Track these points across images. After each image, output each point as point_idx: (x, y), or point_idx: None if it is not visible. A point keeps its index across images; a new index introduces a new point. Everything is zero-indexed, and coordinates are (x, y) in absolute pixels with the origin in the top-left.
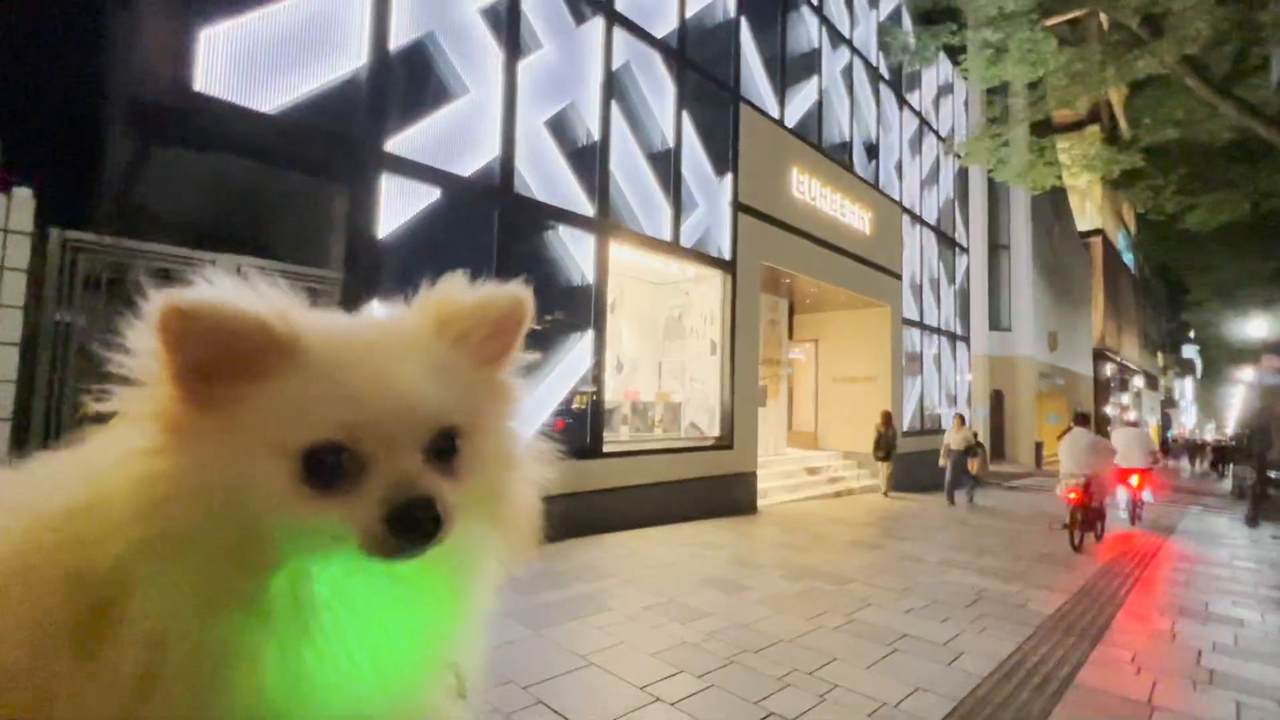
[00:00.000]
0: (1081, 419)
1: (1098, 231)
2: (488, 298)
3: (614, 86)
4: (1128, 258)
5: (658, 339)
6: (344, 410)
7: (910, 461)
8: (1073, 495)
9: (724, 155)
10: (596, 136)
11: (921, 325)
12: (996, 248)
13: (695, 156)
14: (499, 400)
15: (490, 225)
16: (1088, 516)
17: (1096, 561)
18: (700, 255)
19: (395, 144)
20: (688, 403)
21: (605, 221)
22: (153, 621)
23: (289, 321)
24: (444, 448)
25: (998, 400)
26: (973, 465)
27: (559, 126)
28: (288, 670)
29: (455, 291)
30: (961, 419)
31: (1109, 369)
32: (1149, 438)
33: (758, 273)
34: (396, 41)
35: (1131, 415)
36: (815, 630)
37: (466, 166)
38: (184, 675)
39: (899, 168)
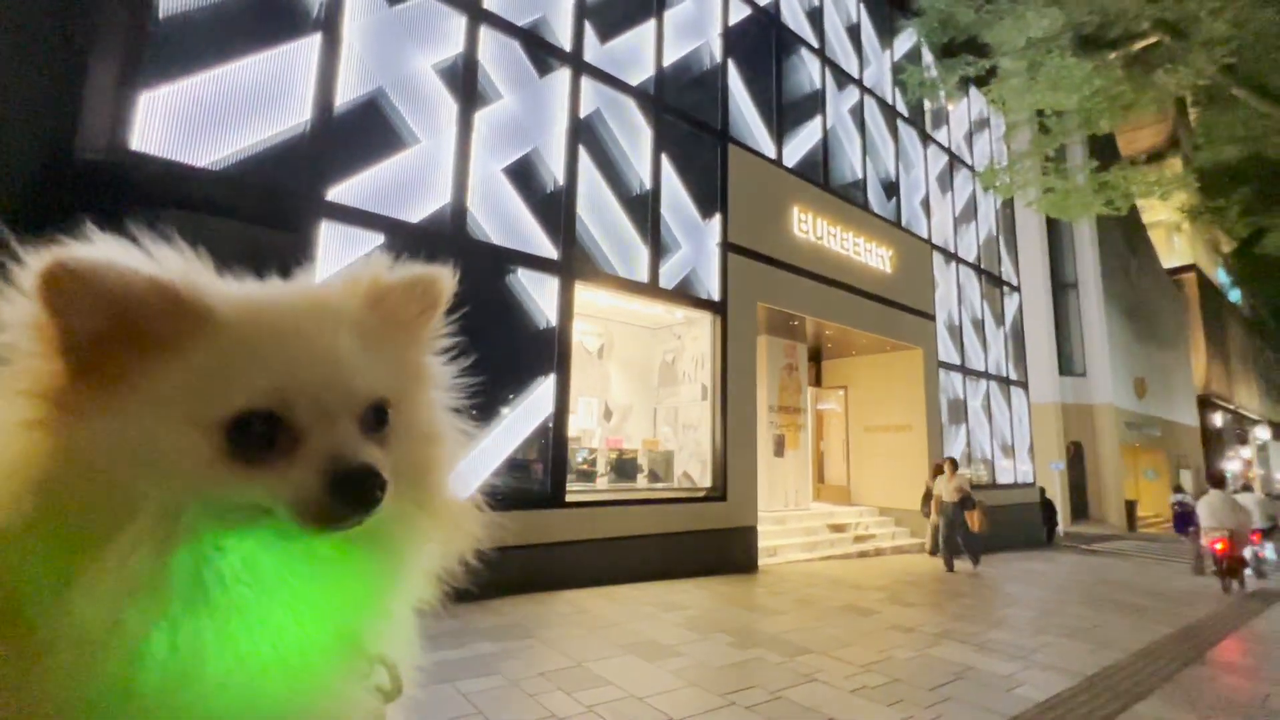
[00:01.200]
0: (1216, 480)
1: (1189, 267)
2: (414, 276)
3: (582, 132)
4: (1233, 295)
5: (652, 385)
6: (276, 377)
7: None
8: (1219, 545)
9: (711, 196)
10: (561, 181)
11: (964, 370)
12: (1063, 287)
13: (677, 198)
14: (424, 378)
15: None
16: (1231, 565)
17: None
18: (684, 297)
19: (337, 193)
20: (680, 451)
21: (569, 264)
22: (34, 602)
23: (195, 286)
24: (375, 421)
25: (1077, 453)
26: (973, 520)
27: (520, 173)
28: (178, 651)
29: (382, 268)
30: (954, 464)
31: (1219, 419)
32: (1266, 501)
33: (753, 314)
34: (344, 97)
35: (1258, 471)
36: (720, 709)
37: (415, 213)
38: (65, 650)
39: (925, 204)
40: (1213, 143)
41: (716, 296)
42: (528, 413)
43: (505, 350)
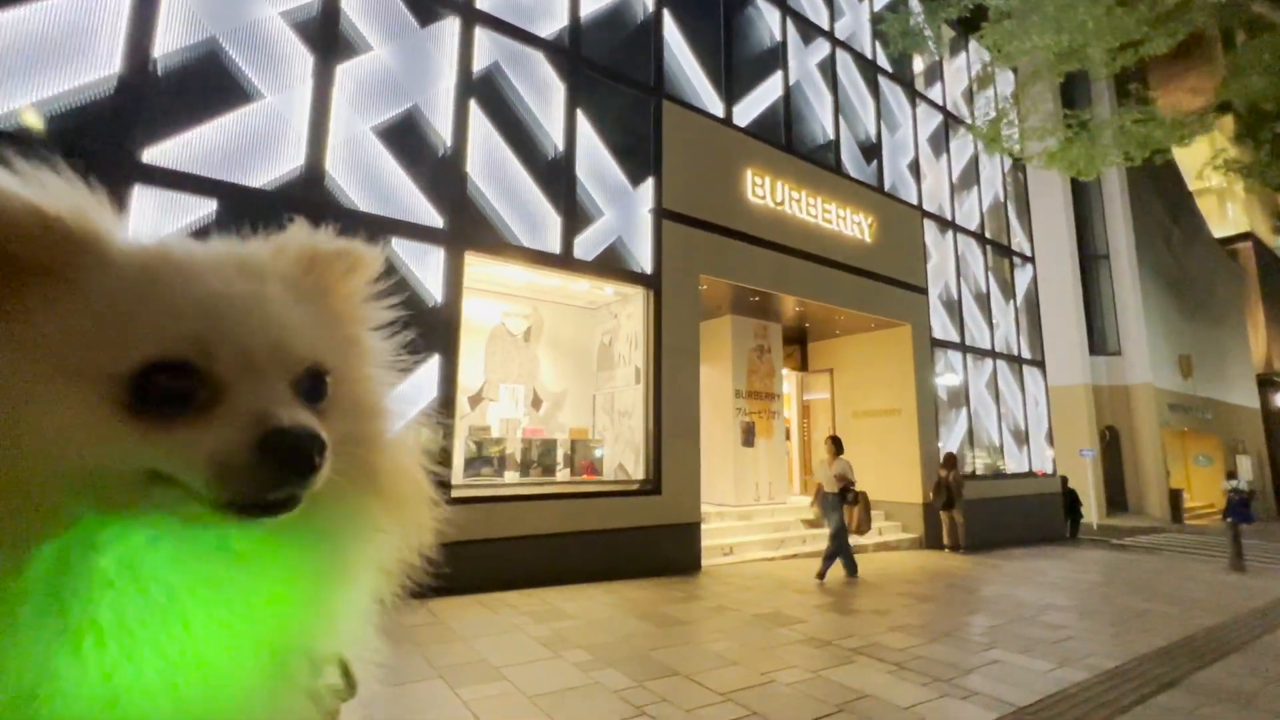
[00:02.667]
0: None
1: (1245, 236)
2: (343, 246)
3: (476, 89)
4: None
5: (591, 370)
6: (196, 321)
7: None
8: None
9: (643, 159)
10: (449, 143)
11: (964, 347)
12: (1093, 259)
13: (598, 161)
14: (363, 351)
15: None
16: None
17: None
18: (607, 269)
19: (156, 154)
20: (617, 440)
21: (458, 233)
22: None
23: (87, 217)
24: (312, 390)
25: (1112, 439)
26: (850, 517)
27: (395, 133)
28: (35, 681)
29: (315, 237)
30: (836, 444)
31: None
32: None
33: (694, 288)
34: (165, 46)
35: None
36: None
37: (259, 177)
38: None
39: (914, 168)
40: (1239, 74)
41: (648, 269)
42: (406, 400)
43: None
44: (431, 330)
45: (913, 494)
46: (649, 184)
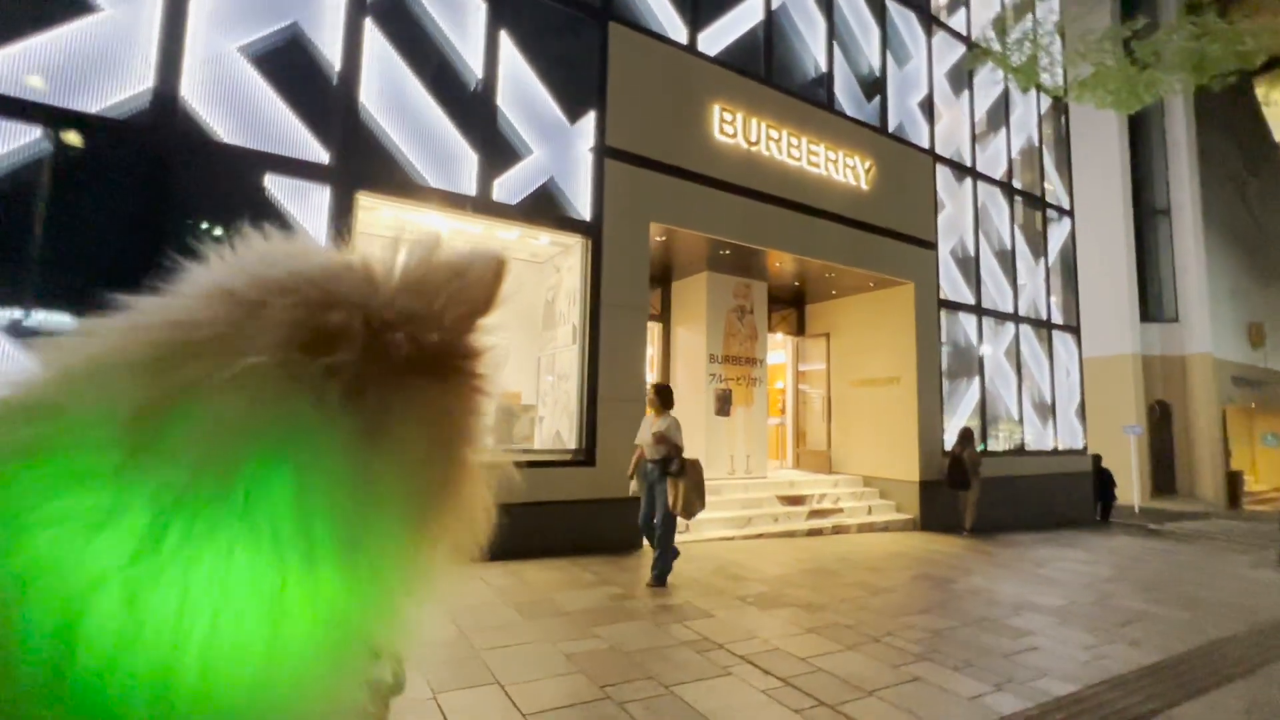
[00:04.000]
0: None
1: None
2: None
3: (371, 6)
4: None
5: (537, 330)
6: None
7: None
8: None
9: (585, 90)
10: (338, 67)
11: (979, 310)
12: (1151, 214)
13: (526, 91)
14: None
15: (144, 174)
16: None
17: None
18: (534, 215)
19: None
20: (555, 405)
21: (347, 170)
22: None
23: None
24: None
25: (1162, 415)
26: (674, 493)
27: (270, 55)
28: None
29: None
30: (662, 394)
31: None
32: None
33: (643, 236)
34: None
35: None
36: None
37: (96, 102)
38: None
39: (927, 107)
40: None
41: (586, 215)
42: None
43: None
44: None
45: (909, 471)
46: (590, 118)
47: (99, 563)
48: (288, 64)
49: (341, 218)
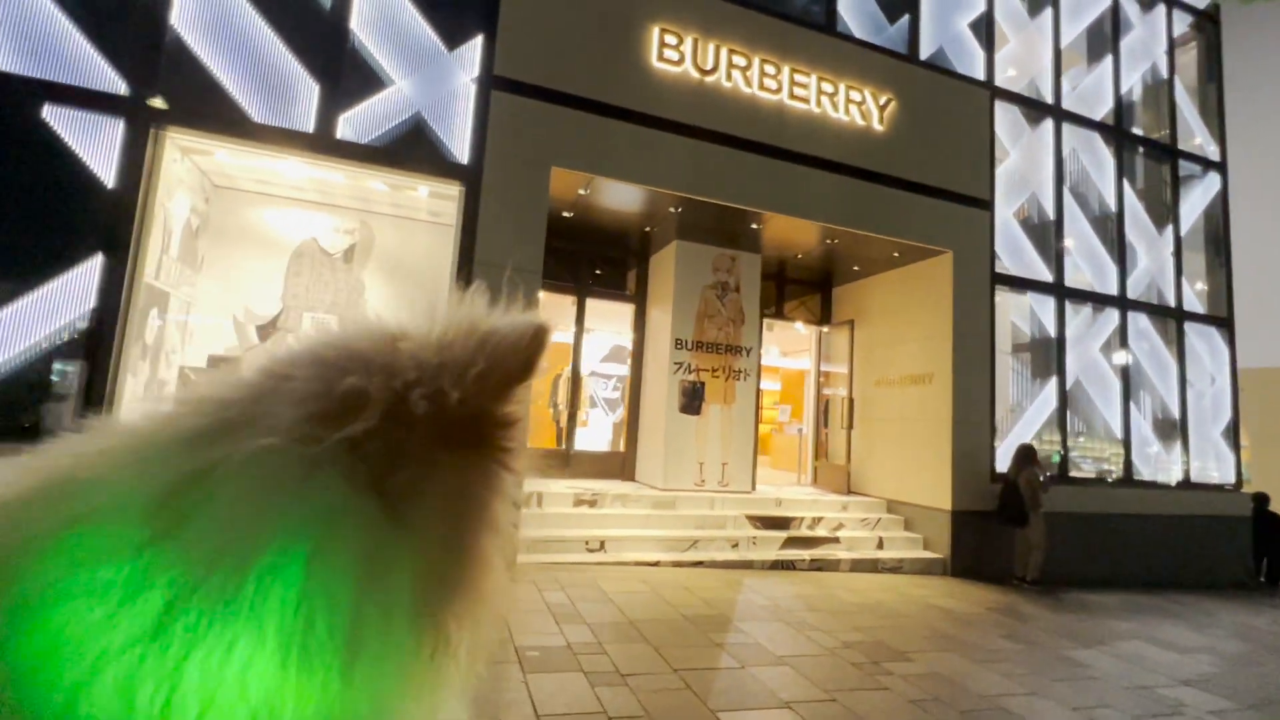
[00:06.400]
0: None
1: None
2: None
3: None
4: None
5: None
6: None
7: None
8: None
9: (470, 9)
10: None
11: (1060, 289)
12: None
13: (389, 10)
14: None
15: None
16: None
17: None
18: (392, 157)
19: None
20: None
21: (147, 102)
22: None
23: None
24: None
25: None
26: None
27: None
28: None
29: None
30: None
31: None
32: None
33: (541, 184)
34: None
35: None
36: None
37: None
38: None
39: (983, 27)
40: None
41: (464, 158)
42: (42, 311)
43: (15, 220)
44: (95, 225)
45: (940, 496)
46: (476, 43)
47: (106, 641)
48: None
49: (138, 156)
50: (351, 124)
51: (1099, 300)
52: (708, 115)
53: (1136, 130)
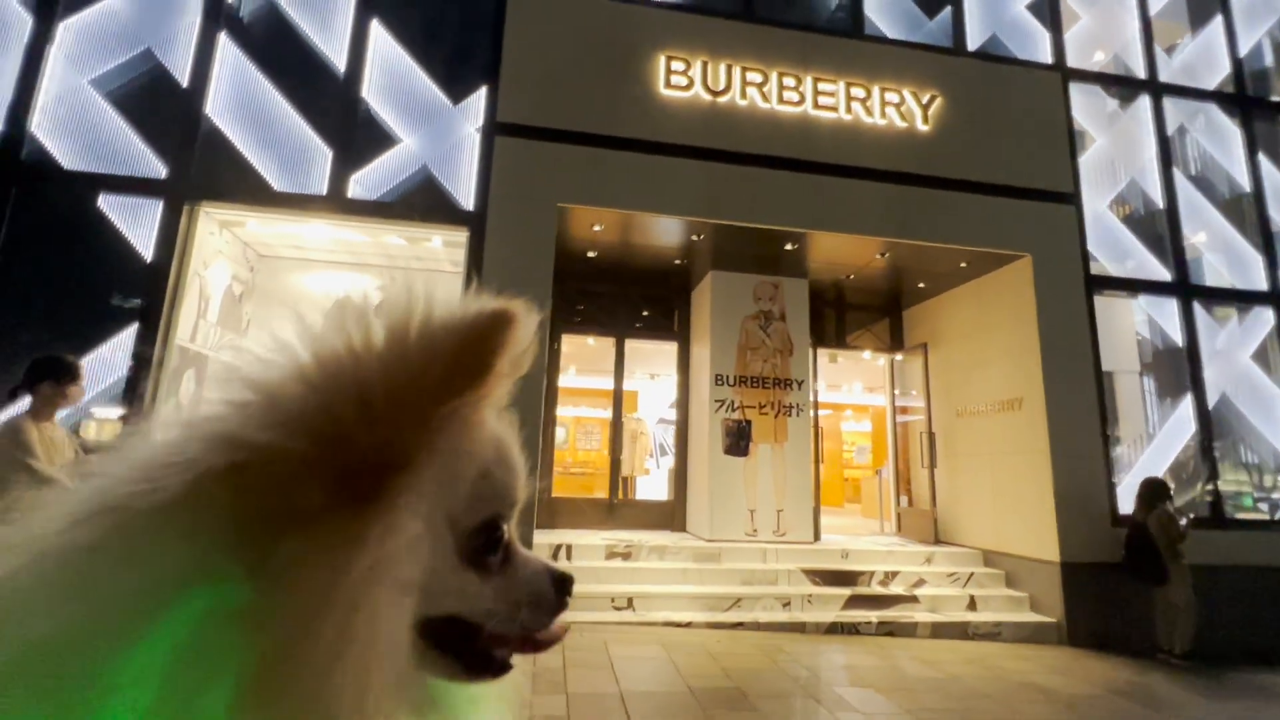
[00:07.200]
0: None
1: None
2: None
3: (224, 18)
4: None
5: None
6: (519, 488)
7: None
8: None
9: (472, 62)
10: (185, 83)
11: (1184, 289)
12: None
13: (397, 74)
14: None
15: None
16: None
17: None
18: (401, 211)
19: None
20: None
21: (185, 182)
22: None
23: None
24: None
25: None
26: None
27: (124, 82)
28: None
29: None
30: None
31: None
32: None
33: (547, 224)
34: None
35: None
36: None
37: None
38: None
39: (1045, 7)
40: None
41: (470, 204)
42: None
43: (74, 304)
44: (135, 297)
45: (1045, 546)
46: (480, 95)
47: None
48: (137, 88)
49: (171, 232)
50: (362, 183)
51: (1242, 299)
52: (722, 136)
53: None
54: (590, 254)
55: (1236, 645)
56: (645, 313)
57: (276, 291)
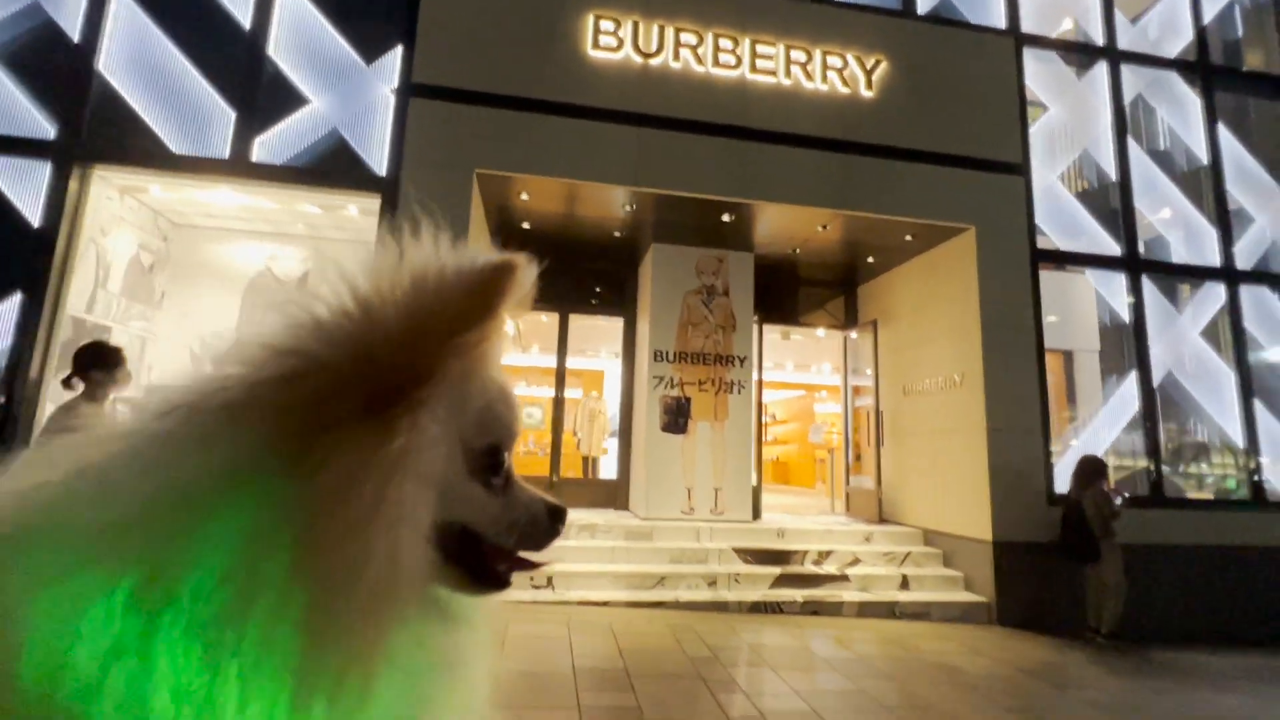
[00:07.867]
0: None
1: None
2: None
3: None
4: None
5: None
6: (517, 420)
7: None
8: None
9: (388, 22)
10: (75, 38)
11: (1133, 263)
12: None
13: (305, 32)
14: None
15: None
16: None
17: None
18: (307, 176)
19: None
20: None
21: (76, 145)
22: None
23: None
24: None
25: None
26: None
27: (12, 39)
28: None
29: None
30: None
31: None
32: None
33: (464, 190)
34: None
35: None
36: None
37: None
38: None
39: None
40: None
41: (383, 169)
42: None
43: None
44: (20, 264)
45: (979, 525)
46: (395, 54)
47: (99, 662)
48: (23, 43)
49: (60, 195)
50: (267, 146)
51: (1194, 274)
52: (654, 100)
53: (1225, 61)
54: (525, 225)
55: (1169, 625)
56: (598, 289)
57: (193, 262)
